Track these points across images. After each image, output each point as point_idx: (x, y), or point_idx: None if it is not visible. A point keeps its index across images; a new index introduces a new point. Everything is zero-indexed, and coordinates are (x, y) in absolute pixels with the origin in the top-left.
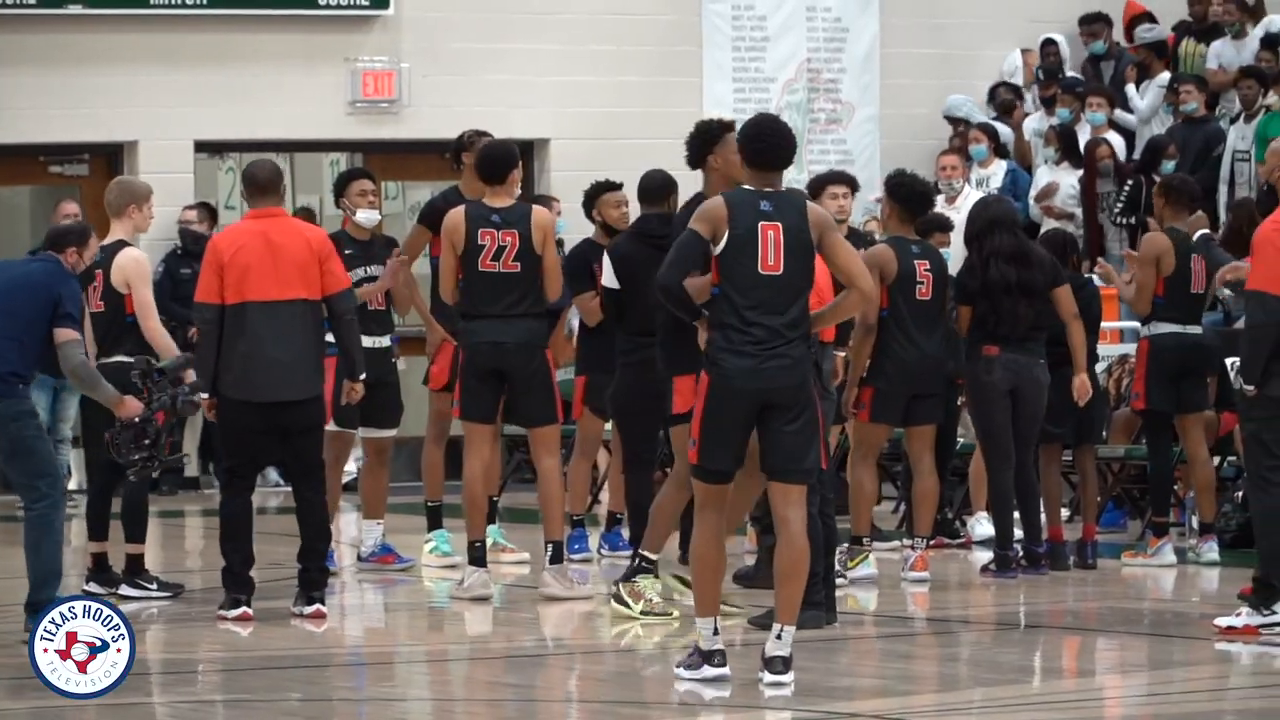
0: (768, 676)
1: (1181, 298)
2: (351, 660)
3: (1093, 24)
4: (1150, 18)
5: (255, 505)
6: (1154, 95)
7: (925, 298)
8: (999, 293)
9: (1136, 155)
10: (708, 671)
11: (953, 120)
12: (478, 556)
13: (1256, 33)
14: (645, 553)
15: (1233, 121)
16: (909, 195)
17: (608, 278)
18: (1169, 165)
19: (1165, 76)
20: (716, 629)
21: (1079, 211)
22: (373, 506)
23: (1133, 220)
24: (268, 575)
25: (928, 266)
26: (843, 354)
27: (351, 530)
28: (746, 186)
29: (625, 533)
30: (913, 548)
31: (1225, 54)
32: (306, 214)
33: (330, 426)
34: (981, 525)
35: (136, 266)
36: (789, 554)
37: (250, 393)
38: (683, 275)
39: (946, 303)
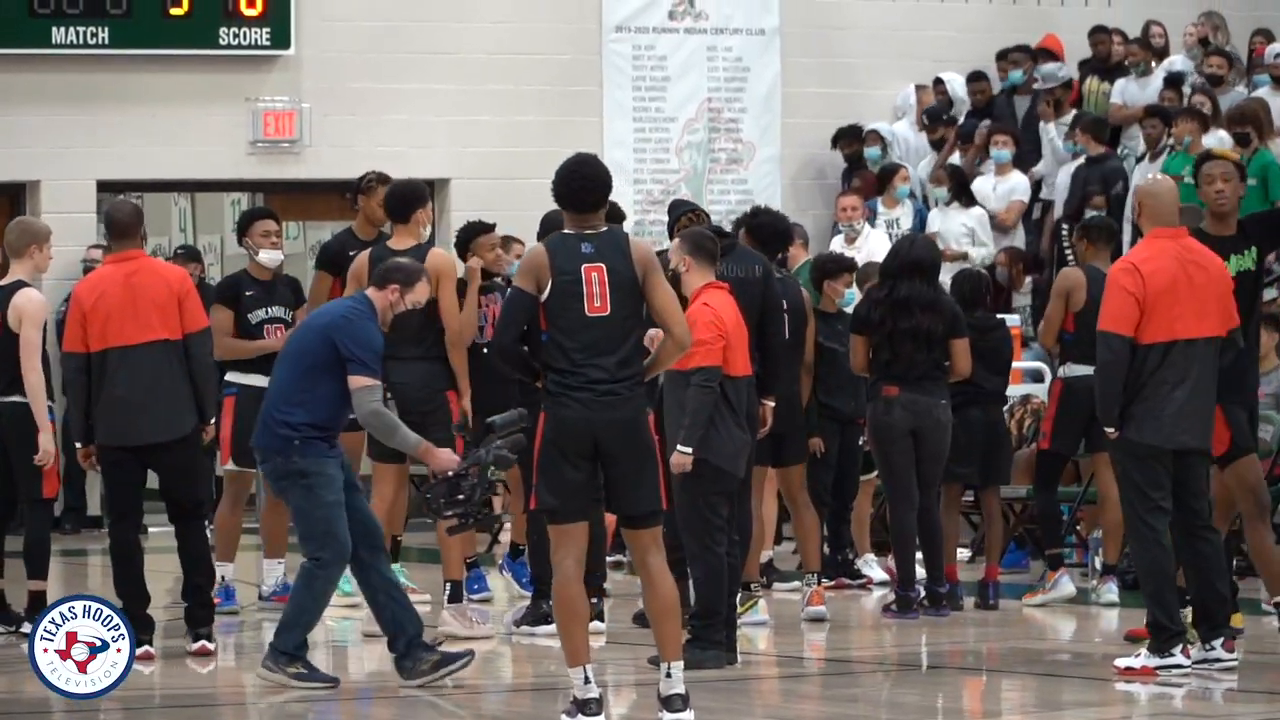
0: (666, 716)
1: (1092, 336)
2: (252, 699)
3: (1012, 54)
4: (1054, 56)
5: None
6: (1057, 135)
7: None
8: (903, 338)
9: (1045, 195)
10: None
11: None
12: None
13: (1159, 72)
14: None
15: (1138, 161)
16: (768, 235)
17: None
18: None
19: (1070, 115)
20: (588, 677)
21: (973, 251)
22: (274, 545)
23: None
24: (172, 614)
25: (784, 307)
26: (771, 403)
27: (253, 569)
28: (567, 230)
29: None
30: (806, 584)
31: (1129, 91)
32: (192, 254)
33: (229, 466)
34: (869, 566)
35: (29, 305)
36: (657, 596)
37: (120, 438)
38: (515, 335)
39: (808, 341)
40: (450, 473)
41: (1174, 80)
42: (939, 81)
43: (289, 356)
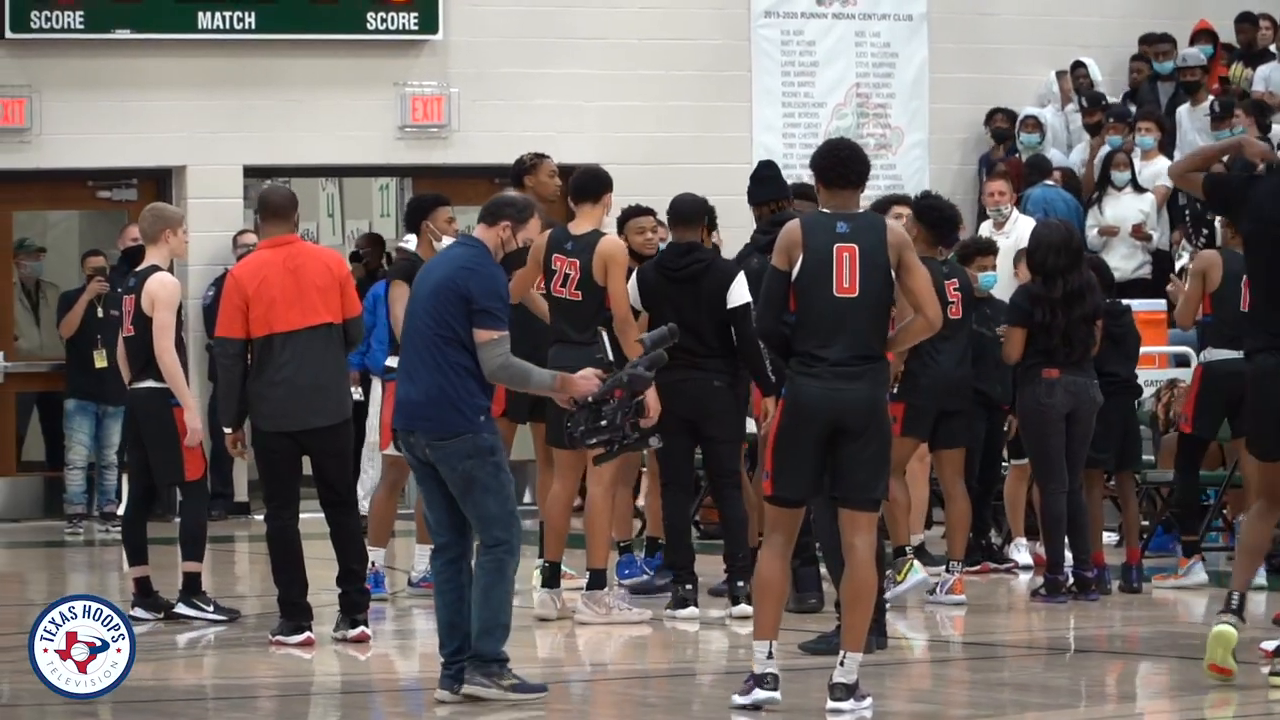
0: (828, 703)
1: (1230, 318)
2: (404, 686)
3: (1157, 44)
4: (1212, 36)
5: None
6: (1199, 120)
7: (956, 317)
8: (1077, 325)
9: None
10: (758, 694)
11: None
12: (548, 578)
13: None
14: None
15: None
16: (937, 219)
17: (634, 301)
18: None
19: (1207, 102)
20: (771, 653)
21: (1154, 234)
22: (427, 531)
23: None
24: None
25: (956, 286)
26: None
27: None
28: (823, 209)
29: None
30: (949, 571)
31: (1274, 78)
32: (375, 240)
33: (389, 451)
34: (1019, 551)
35: (162, 290)
36: (854, 581)
37: (283, 423)
38: (777, 315)
39: (971, 322)
40: (590, 399)
41: None
42: (1079, 65)
43: (436, 336)
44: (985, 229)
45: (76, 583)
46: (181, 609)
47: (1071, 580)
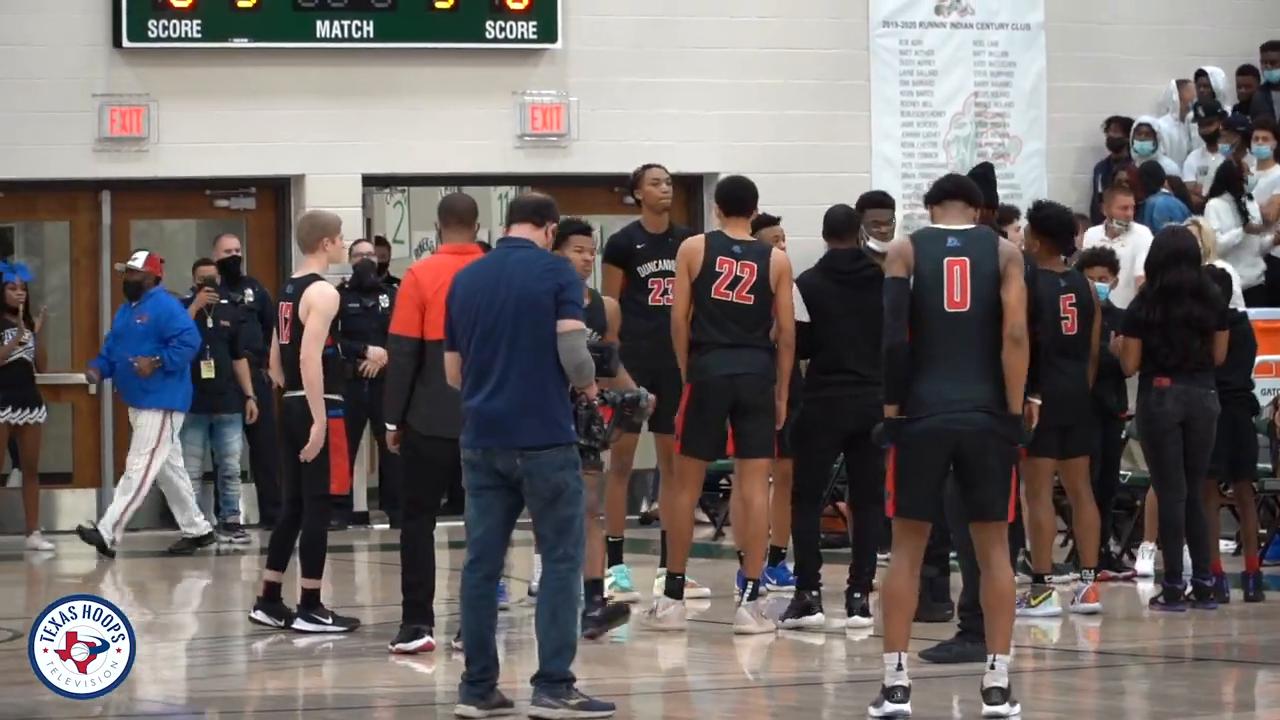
0: (985, 709)
1: None
2: (521, 694)
3: (1271, 51)
4: None
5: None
6: None
7: (1070, 332)
8: (1176, 326)
9: None
10: (887, 707)
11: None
12: (675, 588)
13: None
14: None
15: None
16: (1055, 227)
17: (798, 310)
18: None
19: None
20: (900, 664)
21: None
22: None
23: None
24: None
25: (1073, 301)
26: (1037, 400)
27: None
28: (934, 224)
29: (790, 566)
30: (1081, 579)
31: None
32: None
33: None
34: (1145, 559)
35: (320, 298)
36: (993, 588)
37: (442, 429)
38: (905, 327)
39: (1094, 335)
40: (597, 403)
41: None
42: (1201, 74)
43: (532, 342)
44: (1093, 236)
45: (194, 589)
46: (300, 624)
47: (1190, 589)
